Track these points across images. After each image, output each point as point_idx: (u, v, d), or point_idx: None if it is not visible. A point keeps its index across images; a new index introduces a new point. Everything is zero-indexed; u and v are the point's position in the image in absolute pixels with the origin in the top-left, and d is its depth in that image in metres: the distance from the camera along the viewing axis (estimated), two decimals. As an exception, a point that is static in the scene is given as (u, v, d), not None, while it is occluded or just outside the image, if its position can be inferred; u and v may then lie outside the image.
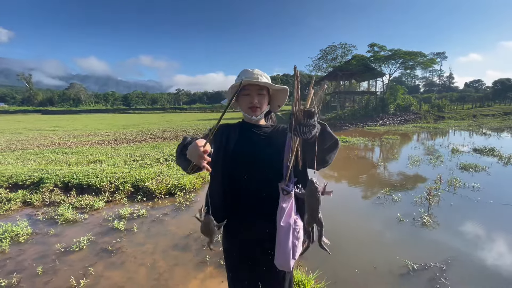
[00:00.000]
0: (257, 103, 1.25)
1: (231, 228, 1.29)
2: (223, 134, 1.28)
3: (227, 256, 1.36)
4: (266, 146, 1.23)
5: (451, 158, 7.48)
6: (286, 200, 1.12)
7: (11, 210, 4.08)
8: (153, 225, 3.53)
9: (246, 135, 1.28)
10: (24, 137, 14.13)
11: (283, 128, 1.32)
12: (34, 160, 7.31)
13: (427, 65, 24.70)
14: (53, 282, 2.40)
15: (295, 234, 1.12)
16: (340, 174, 6.54)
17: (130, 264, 2.66)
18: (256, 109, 1.26)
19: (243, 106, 1.27)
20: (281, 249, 1.11)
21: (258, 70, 1.26)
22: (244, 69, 1.28)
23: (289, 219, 1.11)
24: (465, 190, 4.73)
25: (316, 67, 38.79)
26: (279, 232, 1.11)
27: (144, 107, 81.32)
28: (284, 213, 1.11)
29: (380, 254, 2.80)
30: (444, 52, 77.70)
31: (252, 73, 1.24)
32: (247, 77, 1.22)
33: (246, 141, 1.25)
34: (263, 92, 1.26)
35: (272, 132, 1.30)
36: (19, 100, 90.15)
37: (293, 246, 1.11)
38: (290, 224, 1.11)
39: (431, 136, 13.54)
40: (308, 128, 0.90)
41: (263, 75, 1.26)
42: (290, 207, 1.13)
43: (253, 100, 1.24)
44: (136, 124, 23.36)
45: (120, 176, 5.06)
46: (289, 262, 1.12)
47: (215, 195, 1.24)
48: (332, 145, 1.09)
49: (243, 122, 1.35)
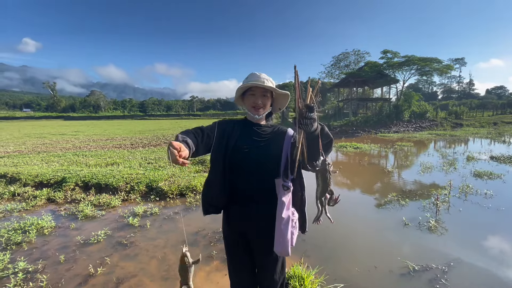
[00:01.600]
0: (260, 104, 1.39)
1: (230, 217, 1.45)
2: (226, 128, 1.41)
3: (227, 243, 1.51)
4: (264, 144, 1.37)
5: (465, 166, 7.30)
6: (285, 194, 1.27)
7: (37, 206, 4.41)
8: (165, 222, 3.74)
9: (247, 131, 1.41)
10: (48, 140, 14.99)
11: (281, 129, 1.44)
12: (57, 162, 7.79)
13: (444, 71, 24.09)
14: (73, 269, 2.62)
15: (293, 224, 1.28)
16: (349, 178, 6.55)
17: (142, 256, 2.86)
18: (259, 109, 1.40)
19: (248, 105, 1.42)
20: (281, 238, 1.25)
21: (264, 75, 1.40)
22: (252, 72, 1.43)
23: (288, 212, 1.26)
24: (477, 197, 4.65)
25: (329, 74, 38.74)
26: (280, 223, 1.25)
27: (159, 114, 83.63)
28: (284, 206, 1.26)
29: (382, 255, 2.85)
30: (463, 58, 75.21)
31: (259, 76, 1.38)
32: (254, 79, 1.37)
33: (247, 137, 1.38)
34: (267, 95, 1.40)
35: (271, 132, 1.43)
36: (43, 106, 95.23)
37: (291, 235, 1.27)
38: (289, 216, 1.26)
39: (447, 143, 13.18)
40: (310, 121, 1.09)
41: (269, 79, 1.39)
42: (289, 201, 1.28)
43: (257, 100, 1.38)
44: (151, 129, 24.14)
45: (135, 177, 5.34)
46: (288, 248, 1.26)
47: (214, 185, 1.38)
48: (329, 143, 1.26)
49: (245, 120, 1.48)
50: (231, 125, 1.44)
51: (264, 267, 1.43)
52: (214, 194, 1.39)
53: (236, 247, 1.47)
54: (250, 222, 1.39)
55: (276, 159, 1.33)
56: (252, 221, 1.38)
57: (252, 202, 1.37)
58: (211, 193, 1.40)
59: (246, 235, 1.43)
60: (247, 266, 1.47)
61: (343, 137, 16.35)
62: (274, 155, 1.34)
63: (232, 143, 1.35)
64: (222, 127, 1.42)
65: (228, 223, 1.46)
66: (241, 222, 1.42)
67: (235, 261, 1.50)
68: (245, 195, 1.37)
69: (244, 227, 1.42)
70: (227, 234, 1.49)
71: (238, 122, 1.48)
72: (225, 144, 1.35)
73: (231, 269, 1.53)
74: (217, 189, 1.37)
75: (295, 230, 1.31)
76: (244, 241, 1.44)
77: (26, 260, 2.70)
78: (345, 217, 3.93)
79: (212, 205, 1.42)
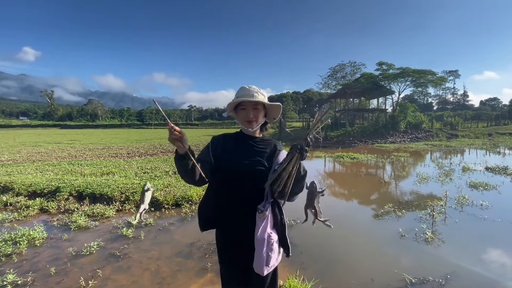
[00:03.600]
0: (252, 117, 1.39)
1: (223, 229, 1.45)
2: (219, 144, 1.44)
3: (219, 256, 1.51)
4: (258, 161, 1.38)
5: (461, 176, 7.34)
6: (261, 217, 1.29)
7: (29, 216, 4.33)
8: (160, 233, 3.68)
9: (241, 145, 1.43)
10: (44, 149, 14.85)
11: (275, 147, 1.46)
12: (52, 171, 7.70)
13: (438, 83, 24.61)
14: (64, 282, 2.56)
15: (269, 246, 1.29)
16: (345, 189, 6.54)
17: (135, 268, 2.80)
18: (252, 123, 1.40)
19: (240, 119, 1.42)
20: (257, 257, 1.28)
21: (254, 87, 1.41)
22: (242, 86, 1.43)
23: (263, 234, 1.28)
24: (473, 208, 4.66)
25: (326, 85, 39.33)
26: (256, 243, 1.28)
27: (157, 123, 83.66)
28: (260, 229, 1.28)
29: (379, 267, 2.82)
30: (457, 70, 77.02)
31: (249, 90, 1.39)
32: (244, 94, 1.38)
33: (240, 152, 1.41)
34: (258, 107, 1.40)
35: (266, 148, 1.44)
36: (40, 115, 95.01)
37: (266, 256, 1.28)
38: (265, 238, 1.27)
39: (443, 154, 13.29)
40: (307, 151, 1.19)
41: (259, 91, 1.40)
42: (265, 223, 1.29)
43: (249, 114, 1.38)
44: (148, 138, 24.08)
45: (131, 187, 5.29)
46: (262, 268, 1.28)
47: (210, 198, 1.43)
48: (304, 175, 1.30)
49: (240, 133, 1.50)
50: (224, 140, 1.47)
51: (252, 280, 1.43)
52: (210, 209, 1.42)
53: (228, 259, 1.47)
54: (239, 233, 1.40)
55: (265, 175, 1.32)
56: (242, 233, 1.39)
57: (242, 216, 1.37)
58: (207, 209, 1.44)
59: (236, 246, 1.43)
60: (237, 279, 1.46)
61: (340, 148, 16.42)
62: (265, 172, 1.34)
63: (225, 158, 1.38)
64: (215, 142, 1.45)
65: (220, 237, 1.47)
66: (231, 236, 1.43)
67: (225, 274, 1.50)
68: (237, 209, 1.38)
69: (234, 242, 1.43)
70: (220, 247, 1.49)
71: (232, 136, 1.50)
72: (219, 159, 1.37)
73: (222, 281, 1.53)
74: (212, 205, 1.41)
75: (272, 253, 1.29)
76: (235, 254, 1.44)
77: (15, 273, 2.63)
78: (342, 229, 3.91)
79: (208, 221, 1.44)
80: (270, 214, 1.31)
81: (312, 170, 9.44)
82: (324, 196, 1.30)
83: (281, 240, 1.35)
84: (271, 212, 1.32)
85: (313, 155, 12.66)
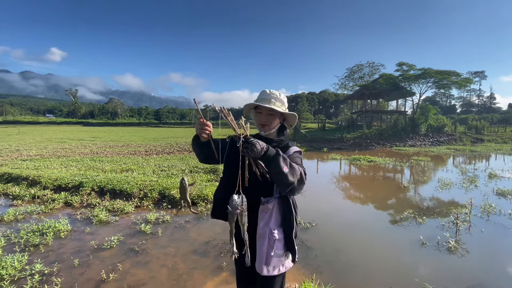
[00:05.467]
0: (266, 122, 1.42)
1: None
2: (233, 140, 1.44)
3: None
4: None
5: (487, 183, 6.96)
6: (263, 210, 1.30)
7: (55, 209, 4.56)
8: (176, 230, 3.76)
9: None
10: (68, 145, 15.60)
11: (285, 144, 1.45)
12: (75, 166, 8.08)
13: (462, 84, 23.44)
14: (87, 274, 2.67)
15: (270, 243, 1.27)
16: (362, 192, 6.39)
17: (153, 264, 2.87)
18: (265, 126, 1.43)
19: (256, 121, 1.47)
20: (257, 253, 1.28)
21: (275, 93, 1.43)
22: (263, 90, 1.47)
23: (265, 229, 1.28)
24: (500, 217, 4.40)
25: (342, 86, 38.58)
26: (257, 238, 1.29)
27: (173, 122, 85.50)
28: (261, 222, 1.29)
29: (398, 275, 2.73)
30: (483, 71, 72.99)
31: (268, 95, 1.42)
32: (262, 98, 1.42)
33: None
34: (273, 113, 1.42)
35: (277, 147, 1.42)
36: (65, 112, 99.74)
37: (266, 253, 1.26)
38: (266, 233, 1.27)
39: (467, 159, 12.66)
40: (250, 146, 1.13)
41: (278, 98, 1.42)
42: (268, 218, 1.30)
43: (263, 119, 1.43)
44: (165, 137, 24.67)
45: (149, 184, 5.44)
46: (261, 266, 1.26)
47: (220, 191, 1.47)
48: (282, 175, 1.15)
49: (257, 135, 1.51)
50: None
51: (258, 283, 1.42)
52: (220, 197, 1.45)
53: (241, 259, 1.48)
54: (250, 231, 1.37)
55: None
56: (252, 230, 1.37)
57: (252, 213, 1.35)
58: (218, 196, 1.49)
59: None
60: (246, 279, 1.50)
61: (356, 150, 16.05)
62: None
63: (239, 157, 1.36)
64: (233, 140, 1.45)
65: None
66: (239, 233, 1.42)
67: (239, 274, 1.55)
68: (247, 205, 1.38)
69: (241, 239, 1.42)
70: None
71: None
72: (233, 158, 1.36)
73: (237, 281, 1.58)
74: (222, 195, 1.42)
75: (273, 251, 1.26)
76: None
77: (42, 262, 2.78)
78: (359, 233, 3.82)
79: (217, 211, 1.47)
80: (276, 211, 1.31)
81: (326, 172, 9.30)
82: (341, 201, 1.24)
83: (286, 242, 1.32)
84: (277, 209, 1.32)
85: (328, 157, 12.47)
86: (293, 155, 1.38)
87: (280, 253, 1.29)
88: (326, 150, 15.61)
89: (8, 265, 2.66)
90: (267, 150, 1.16)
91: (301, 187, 1.24)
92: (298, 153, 1.41)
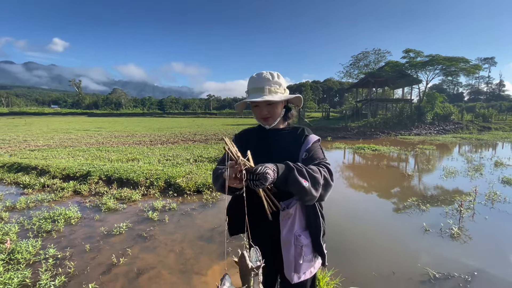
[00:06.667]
0: (267, 114, 1.23)
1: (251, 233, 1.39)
2: (242, 144, 1.28)
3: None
4: (280, 155, 1.15)
5: (493, 172, 6.91)
6: (284, 216, 1.16)
7: (64, 197, 4.69)
8: (182, 217, 3.85)
9: (264, 144, 1.29)
10: (74, 136, 15.80)
11: (301, 133, 1.26)
12: (82, 156, 8.21)
13: (471, 71, 22.85)
14: (98, 258, 2.77)
15: (297, 250, 1.15)
16: (366, 181, 6.41)
17: (161, 249, 2.97)
18: (268, 119, 1.25)
19: (255, 116, 1.28)
20: (285, 262, 1.17)
21: (266, 76, 1.19)
22: (251, 77, 1.24)
23: (289, 236, 1.15)
24: (505, 205, 4.40)
25: (347, 74, 37.93)
26: (282, 246, 1.18)
27: (177, 112, 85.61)
28: (284, 229, 1.16)
29: (401, 261, 2.78)
30: (493, 57, 70.82)
31: (260, 80, 1.19)
32: (254, 87, 1.21)
33: (263, 152, 1.23)
34: (273, 102, 1.21)
35: (291, 138, 1.26)
36: (69, 103, 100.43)
37: (295, 261, 1.14)
38: (291, 240, 1.15)
39: (473, 147, 12.52)
40: (258, 177, 0.90)
41: (272, 81, 1.19)
42: (292, 223, 1.16)
43: (263, 111, 1.23)
44: (169, 127, 24.76)
45: (155, 173, 5.53)
46: (291, 274, 1.15)
47: (235, 201, 1.32)
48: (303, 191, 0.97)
49: (260, 127, 1.34)
50: (246, 138, 1.36)
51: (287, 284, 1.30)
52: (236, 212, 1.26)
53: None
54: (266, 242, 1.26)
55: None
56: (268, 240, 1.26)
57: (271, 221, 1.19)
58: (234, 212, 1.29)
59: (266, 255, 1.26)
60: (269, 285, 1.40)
61: (361, 139, 15.96)
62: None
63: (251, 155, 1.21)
64: (238, 142, 1.32)
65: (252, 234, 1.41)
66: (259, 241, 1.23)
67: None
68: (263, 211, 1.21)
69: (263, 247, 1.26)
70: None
71: (254, 130, 1.38)
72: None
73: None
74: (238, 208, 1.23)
75: (301, 258, 1.14)
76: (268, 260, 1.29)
77: (55, 247, 2.89)
78: (362, 220, 3.86)
79: (236, 225, 1.32)
80: (299, 214, 1.18)
81: (330, 161, 9.26)
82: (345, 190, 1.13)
83: (314, 245, 1.19)
84: (300, 212, 1.18)
85: (332, 146, 12.44)
86: (313, 146, 1.21)
87: (310, 258, 1.18)
88: (330, 139, 15.56)
89: (23, 249, 2.78)
90: (278, 168, 0.96)
91: (328, 191, 1.07)
92: (318, 142, 1.25)
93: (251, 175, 0.91)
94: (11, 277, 2.32)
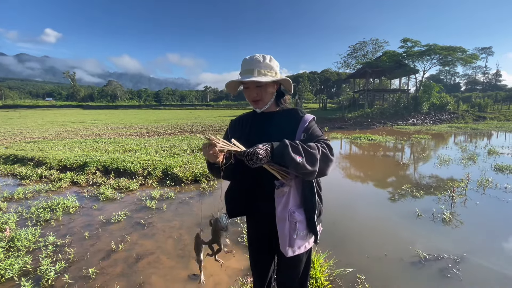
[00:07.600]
0: (256, 97, 1.24)
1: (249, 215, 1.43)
2: (237, 127, 1.37)
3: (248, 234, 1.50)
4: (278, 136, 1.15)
5: (486, 160, 7.03)
6: (278, 194, 1.19)
7: (62, 188, 4.70)
8: (180, 206, 3.90)
9: (259, 127, 1.32)
10: (70, 128, 15.67)
11: (295, 114, 1.28)
12: (79, 148, 8.19)
13: (468, 61, 22.86)
14: (97, 244, 2.82)
15: (292, 226, 1.18)
16: (361, 170, 6.49)
17: (159, 236, 3.02)
18: (258, 102, 1.26)
19: (247, 99, 1.28)
20: (280, 236, 1.21)
21: (257, 58, 1.21)
22: (244, 59, 1.25)
23: (284, 212, 1.18)
24: (496, 191, 4.51)
25: (345, 64, 37.71)
26: (277, 222, 1.21)
27: (173, 103, 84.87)
28: (279, 206, 1.19)
29: (393, 244, 2.87)
30: (490, 47, 70.72)
31: (251, 62, 1.20)
32: (245, 68, 1.22)
33: (258, 134, 1.27)
34: (262, 84, 1.21)
35: (282, 119, 1.29)
36: (64, 96, 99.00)
37: (289, 235, 1.18)
38: (286, 217, 1.18)
39: (468, 137, 12.66)
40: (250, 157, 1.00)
41: (263, 63, 1.20)
42: (286, 201, 1.19)
43: (253, 93, 1.23)
44: (166, 119, 24.62)
45: (152, 163, 5.55)
46: (285, 248, 1.19)
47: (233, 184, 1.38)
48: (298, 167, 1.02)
49: (255, 112, 1.36)
50: (241, 122, 1.39)
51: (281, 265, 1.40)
52: (235, 195, 1.37)
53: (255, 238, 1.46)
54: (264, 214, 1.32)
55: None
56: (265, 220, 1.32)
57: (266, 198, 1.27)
58: (232, 195, 1.38)
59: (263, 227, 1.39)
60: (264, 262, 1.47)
61: (357, 129, 16.03)
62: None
63: (244, 139, 1.20)
64: (233, 126, 1.39)
65: (250, 227, 1.46)
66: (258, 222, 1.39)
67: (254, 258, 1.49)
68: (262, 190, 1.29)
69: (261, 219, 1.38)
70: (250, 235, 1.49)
71: (249, 115, 1.40)
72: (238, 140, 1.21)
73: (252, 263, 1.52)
74: (236, 190, 1.36)
75: (295, 234, 1.18)
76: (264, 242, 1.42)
77: (55, 235, 2.93)
78: (356, 207, 3.95)
79: (235, 208, 1.38)
80: (294, 192, 1.20)
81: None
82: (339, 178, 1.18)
83: (309, 224, 1.22)
84: (295, 190, 1.21)
85: (329, 136, 12.50)
86: (310, 125, 1.23)
87: (304, 234, 1.21)
88: (327, 129, 15.60)
89: (23, 237, 2.81)
90: (272, 147, 1.04)
91: (328, 165, 1.09)
92: (314, 121, 1.27)
93: (246, 157, 1.01)
94: (12, 263, 2.36)
